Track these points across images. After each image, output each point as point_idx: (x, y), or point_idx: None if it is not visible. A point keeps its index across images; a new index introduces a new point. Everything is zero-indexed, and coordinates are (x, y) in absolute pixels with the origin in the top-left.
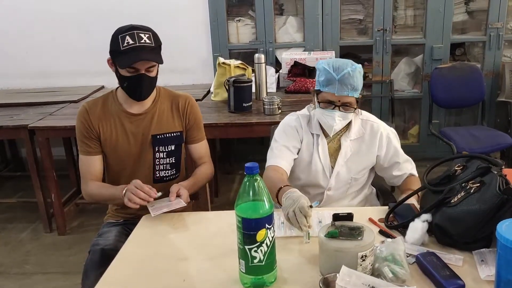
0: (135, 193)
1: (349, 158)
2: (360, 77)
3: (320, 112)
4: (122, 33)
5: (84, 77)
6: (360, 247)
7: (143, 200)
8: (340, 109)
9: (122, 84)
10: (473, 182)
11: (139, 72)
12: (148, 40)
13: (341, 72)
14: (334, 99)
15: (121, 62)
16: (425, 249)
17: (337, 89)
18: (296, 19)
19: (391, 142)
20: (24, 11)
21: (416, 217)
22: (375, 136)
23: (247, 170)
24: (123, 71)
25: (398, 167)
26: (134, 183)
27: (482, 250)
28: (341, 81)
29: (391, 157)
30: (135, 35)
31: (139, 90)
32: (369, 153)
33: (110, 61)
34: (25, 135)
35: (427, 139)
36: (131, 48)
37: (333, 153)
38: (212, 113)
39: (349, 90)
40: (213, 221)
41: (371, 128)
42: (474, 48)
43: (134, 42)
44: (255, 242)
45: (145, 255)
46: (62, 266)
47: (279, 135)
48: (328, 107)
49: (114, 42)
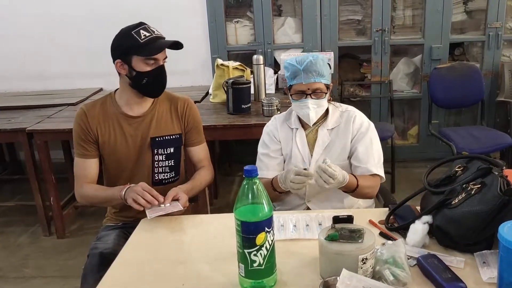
0: (142, 195)
1: (327, 146)
2: (324, 64)
3: (295, 105)
4: (134, 28)
5: (83, 79)
6: (360, 250)
7: (147, 203)
8: (312, 97)
9: (140, 82)
10: (474, 183)
11: (159, 63)
12: (158, 32)
13: (304, 62)
14: (303, 88)
15: (147, 52)
16: (426, 251)
17: (303, 78)
18: (295, 20)
19: (366, 131)
20: (22, 14)
21: (416, 219)
22: (349, 122)
23: (246, 173)
24: (142, 66)
25: (358, 159)
26: (142, 185)
27: (484, 252)
28: (306, 70)
29: (359, 144)
30: (148, 28)
31: (160, 82)
32: (345, 139)
33: (120, 62)
34: (23, 139)
35: (426, 140)
36: (151, 39)
37: (313, 143)
38: (211, 115)
39: (315, 76)
40: (212, 224)
41: (347, 115)
42: (473, 48)
43: (151, 34)
44: (254, 245)
45: (144, 259)
46: (61, 270)
47: (260, 145)
48: (300, 97)
49: (128, 38)
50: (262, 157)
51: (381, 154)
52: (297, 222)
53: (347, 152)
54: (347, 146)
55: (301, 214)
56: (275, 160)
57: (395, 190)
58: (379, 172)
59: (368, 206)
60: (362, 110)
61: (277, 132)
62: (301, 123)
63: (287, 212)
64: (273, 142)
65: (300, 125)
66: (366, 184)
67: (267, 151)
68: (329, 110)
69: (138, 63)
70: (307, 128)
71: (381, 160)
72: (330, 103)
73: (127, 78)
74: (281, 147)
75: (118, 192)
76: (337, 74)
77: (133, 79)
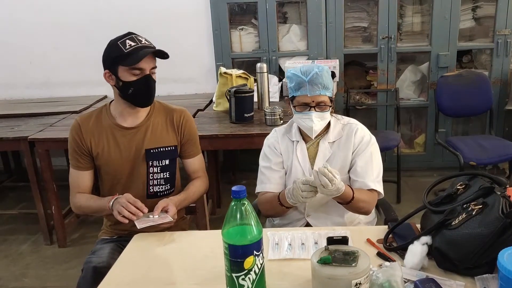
0: (126, 206)
1: (328, 160)
2: (329, 76)
3: (298, 117)
4: (120, 39)
5: (87, 86)
6: (354, 274)
7: (132, 215)
8: (315, 110)
9: (127, 92)
10: (475, 203)
11: (145, 73)
12: (146, 42)
13: (309, 74)
14: (308, 101)
15: (130, 61)
16: (424, 274)
17: (308, 90)
18: (300, 27)
19: (367, 145)
20: (27, 22)
21: (415, 239)
22: (351, 135)
23: (234, 194)
24: (128, 76)
25: (356, 172)
26: (126, 197)
27: (485, 276)
28: (311, 82)
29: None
30: (134, 38)
31: (147, 93)
32: (346, 151)
33: (108, 73)
34: (25, 147)
35: (433, 149)
36: (136, 48)
37: (314, 156)
38: (213, 124)
39: (320, 89)
40: (206, 241)
41: (349, 128)
42: (481, 55)
43: (136, 44)
44: (242, 269)
45: (133, 278)
46: (60, 280)
47: (261, 157)
48: (304, 110)
49: (114, 48)
50: (264, 170)
51: (381, 169)
52: (292, 240)
53: (348, 165)
54: (348, 159)
55: (297, 231)
56: (278, 173)
57: (401, 201)
58: (377, 188)
59: (369, 221)
60: (368, 118)
61: (278, 145)
62: (302, 136)
63: (283, 230)
64: (274, 155)
65: (301, 137)
66: (362, 198)
67: (269, 164)
68: (331, 123)
69: (124, 73)
70: (308, 141)
71: (381, 175)
72: (332, 115)
73: (116, 88)
74: (283, 160)
75: (105, 203)
76: (342, 81)
77: (120, 89)
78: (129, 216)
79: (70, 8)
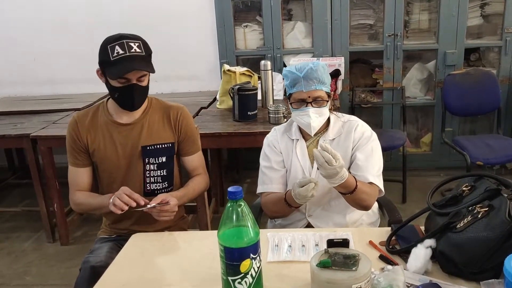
0: (119, 197)
1: None
2: (325, 72)
3: (295, 114)
4: (111, 42)
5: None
6: (354, 279)
7: (125, 204)
8: (312, 105)
9: (113, 95)
10: (481, 205)
11: (130, 82)
12: (138, 49)
13: (304, 70)
14: (304, 96)
15: (112, 73)
16: (427, 278)
17: (303, 85)
18: (305, 25)
19: (367, 140)
20: (32, 19)
21: (419, 242)
22: (351, 131)
23: (230, 195)
24: (114, 82)
25: (357, 166)
26: (123, 189)
27: (491, 281)
28: (306, 77)
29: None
30: (124, 45)
31: (131, 100)
32: (346, 148)
33: (99, 71)
34: (27, 144)
35: (440, 148)
36: (122, 58)
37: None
38: (217, 122)
39: (316, 84)
40: (205, 242)
41: (349, 125)
42: (489, 53)
43: (124, 52)
44: (238, 273)
45: (129, 279)
46: (62, 278)
47: (261, 157)
48: (300, 106)
49: (103, 52)
50: (265, 170)
51: (381, 166)
52: (292, 241)
53: (348, 161)
54: (348, 155)
55: (298, 232)
56: (279, 173)
57: (406, 200)
58: (377, 183)
59: (372, 222)
60: (373, 117)
61: (277, 143)
62: (302, 134)
63: (283, 231)
64: (274, 154)
65: (301, 136)
66: (364, 189)
67: (269, 164)
68: (331, 120)
69: (110, 78)
70: (308, 139)
71: (381, 171)
72: (332, 113)
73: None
74: (283, 158)
75: (107, 200)
76: (348, 79)
77: (109, 90)
78: (120, 205)
79: (75, 6)
